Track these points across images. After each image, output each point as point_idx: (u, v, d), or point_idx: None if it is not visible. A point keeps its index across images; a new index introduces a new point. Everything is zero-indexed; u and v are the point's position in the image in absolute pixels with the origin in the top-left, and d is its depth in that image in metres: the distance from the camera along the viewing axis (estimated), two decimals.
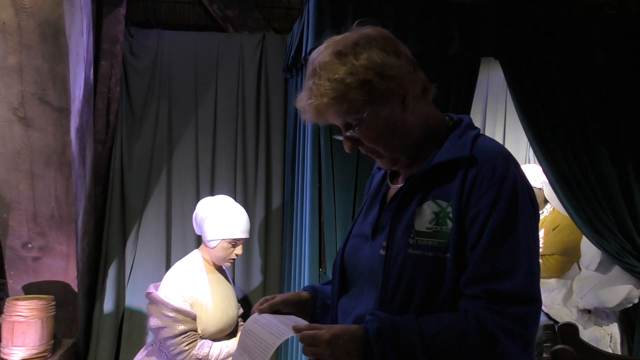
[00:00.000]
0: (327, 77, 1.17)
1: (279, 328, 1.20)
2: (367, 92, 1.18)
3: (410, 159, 1.29)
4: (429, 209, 1.20)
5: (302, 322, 1.26)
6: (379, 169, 1.44)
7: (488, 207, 1.14)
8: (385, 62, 1.18)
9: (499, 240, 1.13)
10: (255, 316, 1.32)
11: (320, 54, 1.22)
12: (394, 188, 1.33)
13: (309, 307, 1.42)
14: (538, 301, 1.14)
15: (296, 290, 2.32)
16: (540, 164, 2.81)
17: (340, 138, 1.28)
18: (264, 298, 1.37)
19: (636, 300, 2.93)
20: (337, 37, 1.23)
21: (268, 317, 1.29)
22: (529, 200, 1.18)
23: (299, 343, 1.19)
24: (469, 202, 1.16)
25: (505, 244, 1.13)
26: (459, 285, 1.15)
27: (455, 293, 1.16)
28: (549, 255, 3.23)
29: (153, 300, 2.44)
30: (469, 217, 1.16)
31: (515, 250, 1.13)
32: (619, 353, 2.95)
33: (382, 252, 1.23)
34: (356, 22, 1.26)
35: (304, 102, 1.23)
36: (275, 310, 1.34)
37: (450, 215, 1.17)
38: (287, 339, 1.22)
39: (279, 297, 1.36)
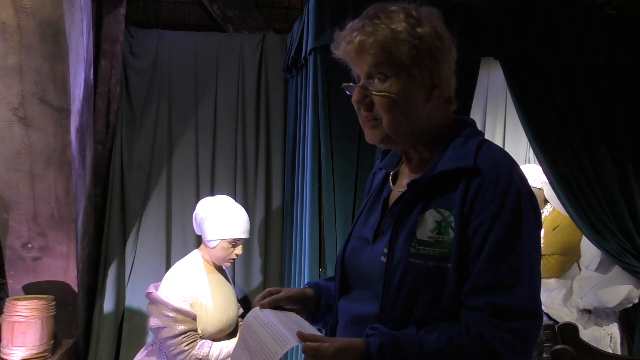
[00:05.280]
0: (386, 23, 1.17)
1: (282, 334, 1.18)
2: (412, 58, 1.17)
3: (408, 149, 1.28)
4: (431, 217, 1.19)
5: (304, 324, 1.25)
6: (381, 168, 1.43)
7: (491, 218, 1.13)
8: (440, 46, 1.20)
9: (501, 252, 1.12)
10: (256, 311, 1.30)
11: (388, 5, 1.21)
12: (396, 191, 1.32)
13: (312, 305, 1.40)
14: (540, 316, 1.14)
15: None
16: (540, 164, 2.81)
17: (349, 91, 1.26)
18: (267, 290, 1.35)
19: (636, 300, 2.93)
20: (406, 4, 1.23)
21: (270, 315, 1.27)
22: (532, 211, 1.17)
23: (301, 351, 1.18)
24: (472, 213, 1.15)
25: (507, 257, 1.12)
26: (459, 295, 1.15)
27: (456, 302, 1.15)
28: (549, 255, 3.23)
29: (153, 300, 2.44)
30: (471, 228, 1.15)
31: (517, 263, 1.12)
32: (619, 353, 2.95)
33: (384, 259, 1.22)
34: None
35: (347, 33, 1.21)
36: (277, 306, 1.32)
37: (452, 224, 1.16)
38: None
39: (282, 293, 1.34)
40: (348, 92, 1.26)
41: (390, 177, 1.37)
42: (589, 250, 3.02)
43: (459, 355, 1.10)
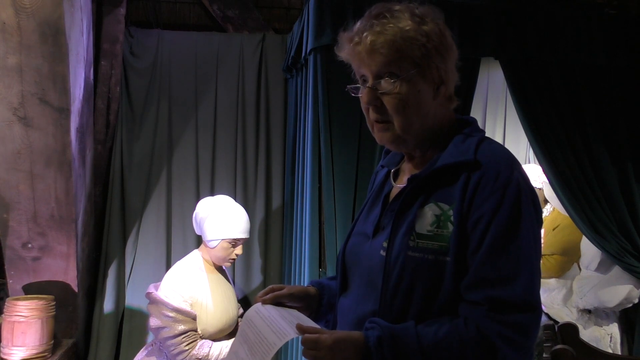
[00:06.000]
0: (394, 23, 1.18)
1: (281, 327, 1.19)
2: (422, 56, 1.19)
3: (414, 148, 1.28)
4: (430, 211, 1.19)
5: (305, 319, 1.25)
6: (382, 166, 1.43)
7: (490, 212, 1.13)
8: (445, 43, 1.22)
9: (500, 246, 1.12)
10: (257, 306, 1.30)
11: (391, 4, 1.22)
12: (397, 188, 1.32)
13: (315, 304, 1.40)
14: (539, 309, 1.14)
15: None
16: (540, 164, 2.81)
17: (354, 93, 1.26)
18: (270, 287, 1.35)
19: (636, 300, 2.93)
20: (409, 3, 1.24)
21: (271, 310, 1.27)
22: (532, 206, 1.17)
23: (300, 344, 1.18)
24: (471, 206, 1.15)
25: (507, 250, 1.12)
26: (458, 288, 1.15)
27: (454, 296, 1.15)
28: (549, 255, 3.23)
29: (153, 300, 2.44)
30: (470, 222, 1.15)
31: (517, 257, 1.12)
32: (619, 353, 2.95)
33: (383, 252, 1.22)
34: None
35: (355, 34, 1.22)
36: (278, 302, 1.32)
37: (452, 218, 1.16)
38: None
39: (285, 290, 1.34)
40: (353, 94, 1.26)
41: (392, 174, 1.38)
42: (589, 250, 3.02)
43: (457, 349, 1.10)
